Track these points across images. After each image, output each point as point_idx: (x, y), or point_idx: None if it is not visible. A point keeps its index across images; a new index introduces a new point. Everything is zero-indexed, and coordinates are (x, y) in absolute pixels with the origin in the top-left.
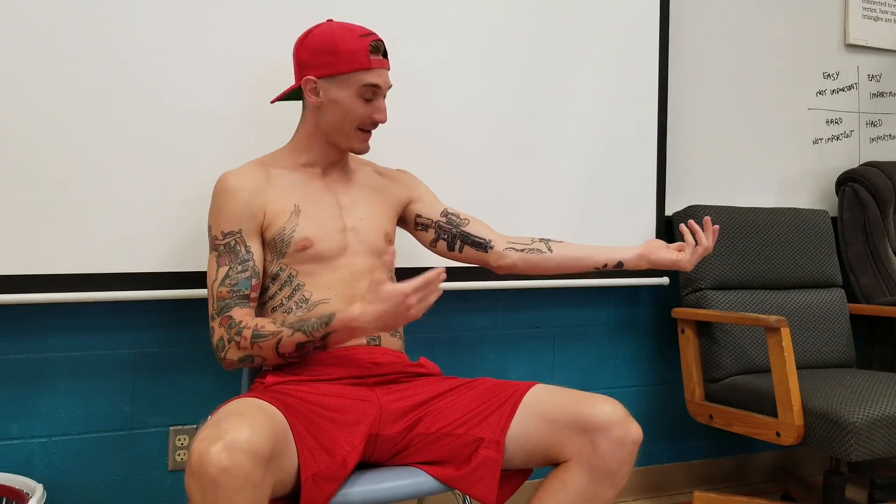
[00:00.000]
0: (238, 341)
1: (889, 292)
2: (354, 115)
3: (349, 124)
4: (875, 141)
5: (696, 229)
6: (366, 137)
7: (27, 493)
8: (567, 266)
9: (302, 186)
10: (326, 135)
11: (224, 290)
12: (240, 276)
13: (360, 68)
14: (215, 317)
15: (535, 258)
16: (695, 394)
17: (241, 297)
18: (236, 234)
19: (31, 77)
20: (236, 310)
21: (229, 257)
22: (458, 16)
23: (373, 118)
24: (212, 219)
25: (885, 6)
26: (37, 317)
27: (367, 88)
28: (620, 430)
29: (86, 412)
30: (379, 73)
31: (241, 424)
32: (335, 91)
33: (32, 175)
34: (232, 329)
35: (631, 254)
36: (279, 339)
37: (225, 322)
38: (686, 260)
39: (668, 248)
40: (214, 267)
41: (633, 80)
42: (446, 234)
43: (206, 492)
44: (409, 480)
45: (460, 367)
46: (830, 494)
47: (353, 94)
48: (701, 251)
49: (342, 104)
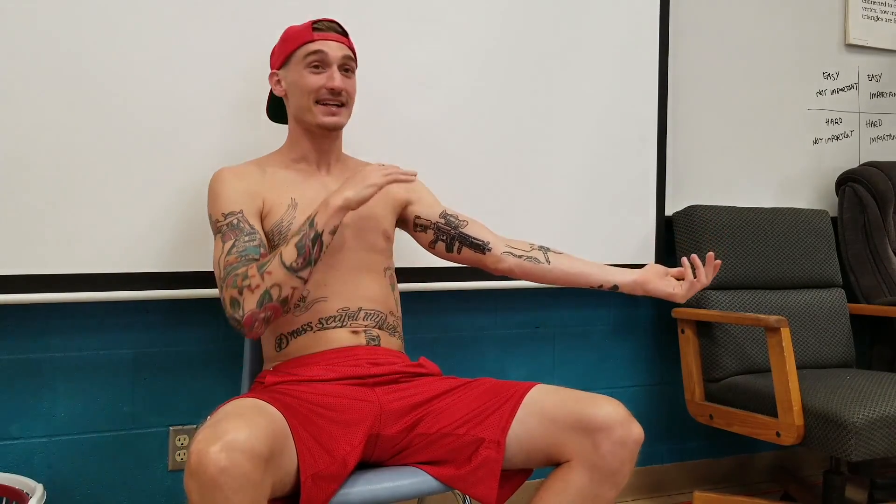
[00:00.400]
0: (248, 284)
1: (889, 292)
2: (307, 87)
3: (306, 99)
4: (875, 141)
5: (697, 264)
6: (328, 111)
7: (27, 493)
8: (563, 281)
9: (297, 183)
10: (299, 121)
11: (231, 257)
12: (248, 244)
13: (302, 43)
14: (222, 285)
15: (532, 267)
16: (695, 394)
17: (250, 260)
18: (237, 213)
19: (31, 77)
20: (241, 268)
21: (234, 233)
22: (457, 16)
23: (326, 86)
24: (211, 207)
25: (885, 6)
26: (37, 317)
27: (312, 56)
28: (622, 430)
29: (86, 412)
30: (322, 42)
31: (240, 425)
32: (290, 74)
33: (32, 175)
34: (237, 280)
35: (628, 279)
36: (280, 254)
37: (231, 281)
38: (681, 294)
39: (665, 278)
40: (220, 245)
41: (633, 80)
42: (445, 236)
43: (205, 492)
44: (409, 480)
45: (460, 367)
46: (830, 494)
47: (302, 69)
48: (698, 286)
49: (296, 83)
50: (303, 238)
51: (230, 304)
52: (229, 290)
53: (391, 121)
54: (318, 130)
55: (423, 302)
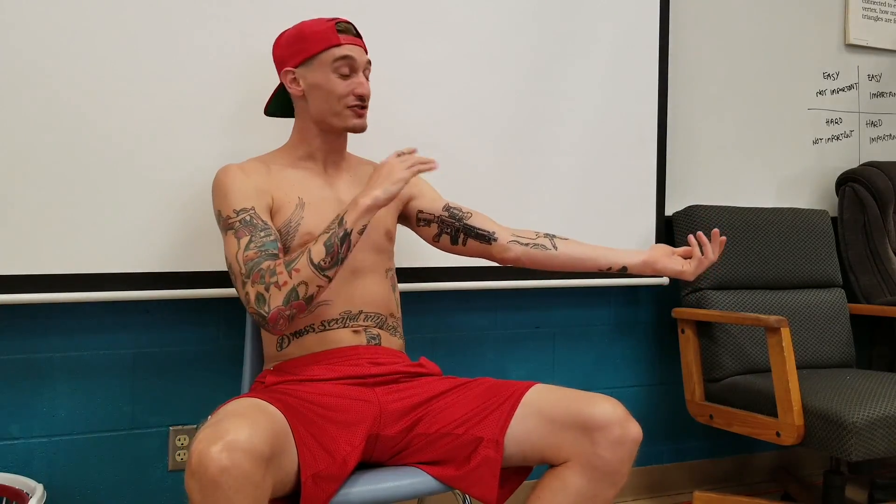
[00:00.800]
0: (276, 281)
1: (889, 292)
2: (336, 92)
3: (337, 104)
4: (875, 141)
5: (703, 241)
6: (359, 113)
7: (27, 493)
8: (571, 266)
9: (303, 181)
10: (319, 122)
11: (250, 252)
12: (265, 239)
13: (329, 45)
14: (245, 280)
15: (539, 254)
16: (695, 394)
17: (270, 255)
18: (249, 210)
19: (30, 77)
20: (265, 263)
21: (248, 229)
22: (458, 16)
23: (355, 93)
24: (219, 204)
25: (885, 6)
26: (37, 317)
27: (341, 62)
28: (620, 430)
29: (86, 412)
30: (350, 47)
31: (241, 424)
32: (312, 75)
33: (32, 175)
34: (265, 276)
35: (636, 259)
36: (309, 252)
37: (257, 278)
38: (690, 272)
39: (673, 257)
40: (234, 241)
41: (633, 80)
42: (449, 229)
43: (205, 492)
44: (409, 480)
45: (460, 367)
46: (830, 494)
47: (329, 72)
48: (707, 263)
49: (322, 86)
50: (332, 237)
51: (255, 299)
52: (256, 285)
53: (390, 120)
54: (343, 132)
55: (423, 302)
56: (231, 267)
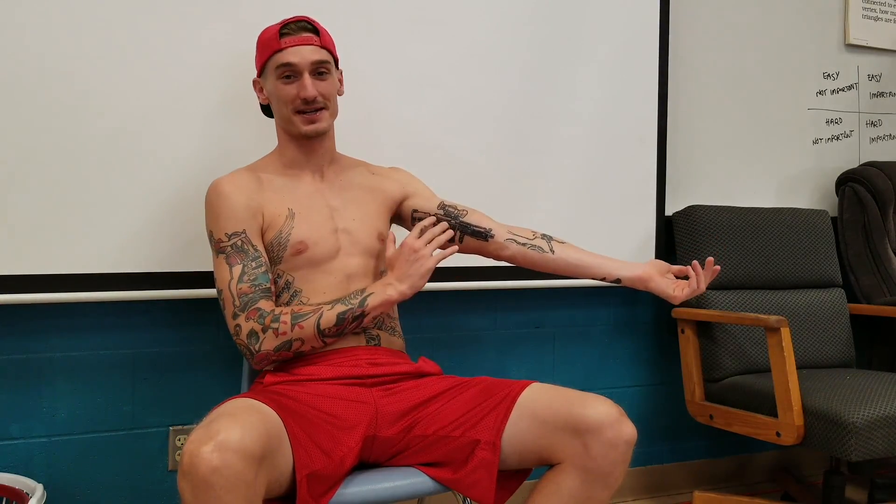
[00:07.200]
0: (276, 328)
1: (889, 292)
2: (283, 98)
3: (285, 109)
4: (875, 141)
5: (698, 272)
6: (307, 119)
7: (27, 493)
8: (565, 271)
9: (292, 189)
10: (285, 130)
11: (244, 285)
12: (257, 272)
13: (273, 52)
14: (239, 313)
15: (535, 256)
16: (695, 394)
17: (264, 290)
18: (241, 234)
19: (31, 78)
20: (263, 302)
21: (239, 256)
22: (457, 15)
23: (299, 96)
24: (211, 224)
25: (885, 6)
26: (37, 317)
27: (283, 68)
28: (612, 432)
29: (86, 412)
30: (291, 51)
31: (233, 424)
32: (267, 84)
33: (32, 175)
34: (265, 318)
35: (631, 273)
36: (320, 315)
37: (254, 314)
38: (679, 298)
39: (666, 277)
40: (225, 267)
41: (633, 80)
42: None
43: (197, 492)
44: (407, 481)
45: (460, 367)
46: (830, 494)
47: (276, 79)
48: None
49: (273, 94)
50: (348, 312)
51: (248, 335)
52: (250, 322)
53: (389, 120)
54: (300, 136)
55: (423, 302)
56: (222, 293)
